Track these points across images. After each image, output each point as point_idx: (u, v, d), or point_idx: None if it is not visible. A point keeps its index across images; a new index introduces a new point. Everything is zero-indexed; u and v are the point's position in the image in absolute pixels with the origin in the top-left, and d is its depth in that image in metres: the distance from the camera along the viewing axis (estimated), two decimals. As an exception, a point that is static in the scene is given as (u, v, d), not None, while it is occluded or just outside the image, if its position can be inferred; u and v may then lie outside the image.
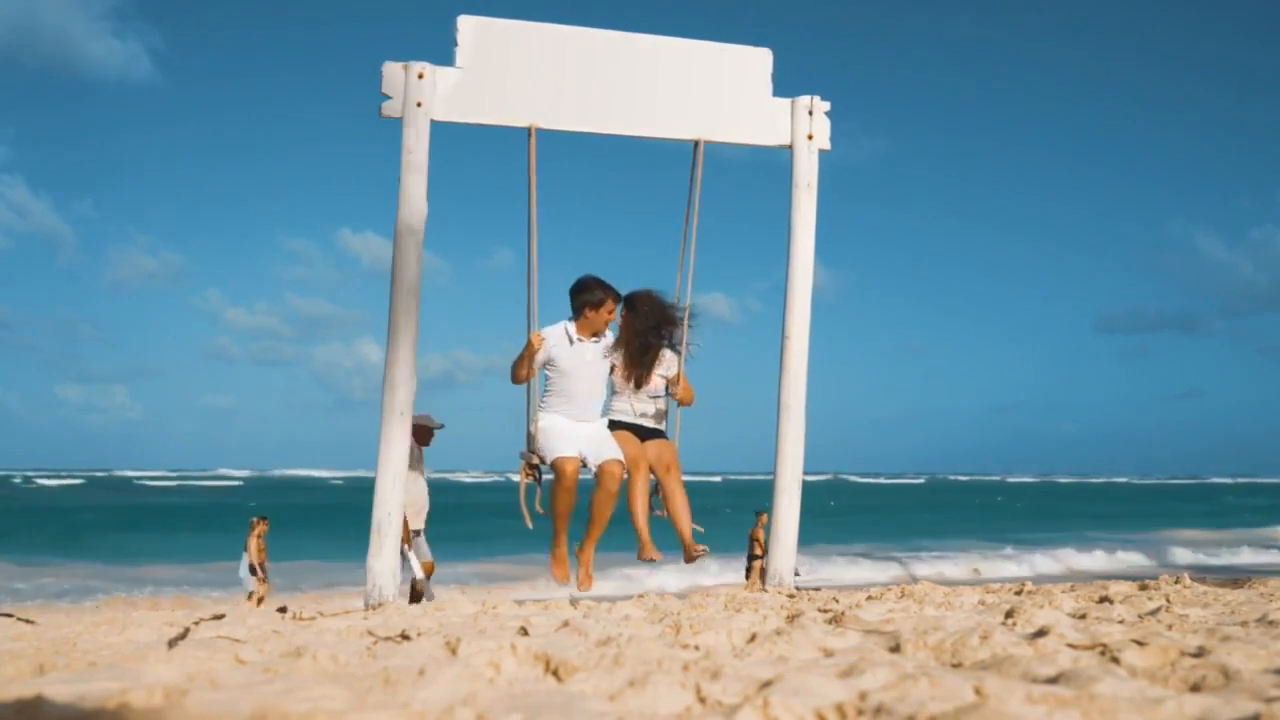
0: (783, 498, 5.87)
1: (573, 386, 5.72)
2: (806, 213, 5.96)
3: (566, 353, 5.71)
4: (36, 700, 1.94)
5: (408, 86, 5.46)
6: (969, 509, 54.88)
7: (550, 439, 5.57)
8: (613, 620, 3.69)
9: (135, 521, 37.64)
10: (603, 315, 5.75)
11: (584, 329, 5.76)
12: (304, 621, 4.02)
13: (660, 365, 5.92)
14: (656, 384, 5.94)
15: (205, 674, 2.40)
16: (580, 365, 5.72)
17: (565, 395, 5.72)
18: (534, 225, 5.55)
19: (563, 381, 5.72)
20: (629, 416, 5.93)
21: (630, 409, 5.94)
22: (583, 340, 5.75)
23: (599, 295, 5.72)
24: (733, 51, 5.90)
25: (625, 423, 5.91)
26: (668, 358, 5.94)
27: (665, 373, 5.93)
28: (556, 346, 5.70)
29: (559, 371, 5.71)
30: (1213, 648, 2.64)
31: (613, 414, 5.94)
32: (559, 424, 5.65)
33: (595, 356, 5.79)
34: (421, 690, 2.15)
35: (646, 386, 5.92)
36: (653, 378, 5.92)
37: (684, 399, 5.92)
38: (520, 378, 5.69)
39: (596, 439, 5.66)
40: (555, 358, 5.70)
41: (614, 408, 5.95)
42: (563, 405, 5.72)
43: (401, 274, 5.42)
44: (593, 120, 5.73)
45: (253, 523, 15.18)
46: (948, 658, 2.69)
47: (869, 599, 4.73)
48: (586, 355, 5.76)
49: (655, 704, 2.10)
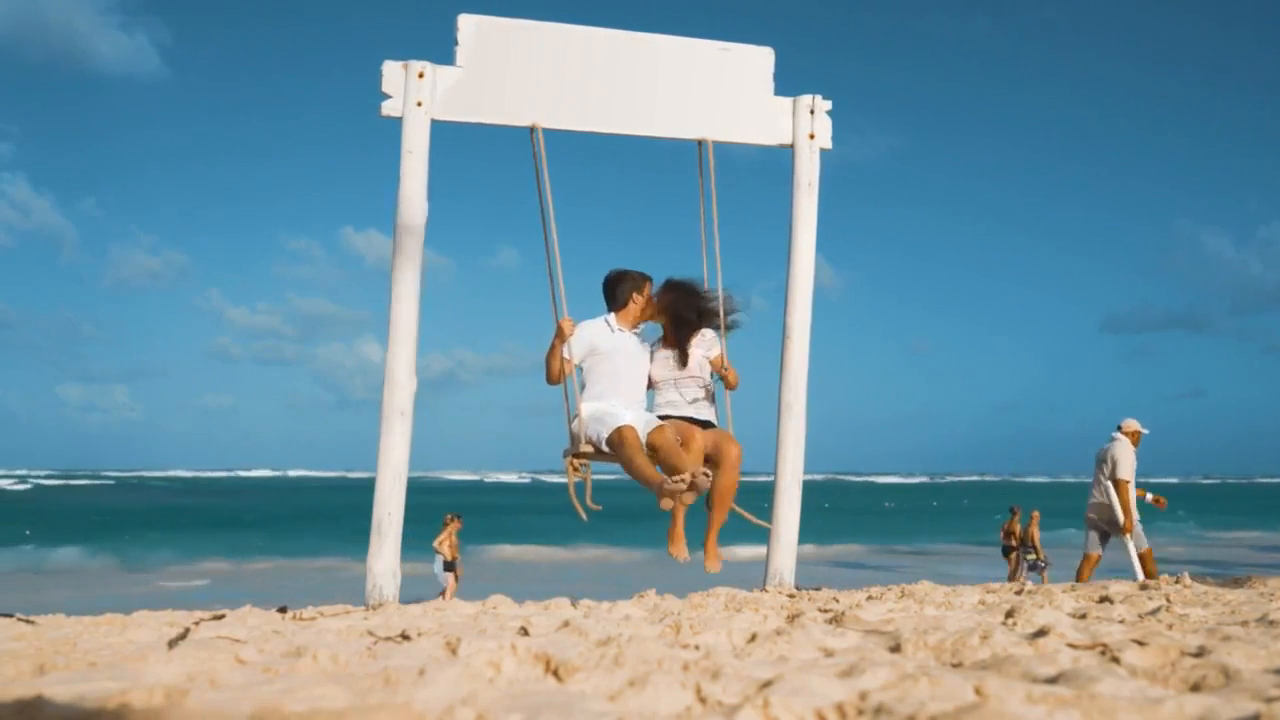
0: (783, 498, 5.85)
1: (618, 371, 5.61)
2: (808, 212, 5.95)
3: (609, 339, 5.65)
4: (36, 700, 1.94)
5: (408, 86, 5.46)
6: (970, 508, 54.84)
7: (601, 420, 5.41)
8: (613, 620, 3.69)
9: (135, 522, 37.63)
10: (648, 300, 5.73)
11: (627, 317, 5.73)
12: (304, 621, 4.02)
13: (700, 344, 5.80)
14: (699, 364, 5.78)
15: (205, 674, 2.40)
16: (623, 352, 5.64)
17: (612, 381, 5.60)
18: (551, 218, 5.47)
19: (606, 367, 5.61)
20: (679, 408, 5.74)
21: (679, 399, 5.75)
22: (624, 330, 5.71)
23: (638, 278, 5.74)
24: (734, 51, 5.89)
25: (677, 415, 5.69)
26: (708, 337, 5.81)
27: (707, 352, 5.81)
28: (598, 336, 5.64)
29: (602, 357, 5.62)
30: (1213, 647, 2.64)
31: (660, 409, 5.75)
32: (607, 406, 5.52)
33: (637, 347, 5.73)
34: (421, 690, 2.15)
35: (689, 365, 5.75)
36: (693, 355, 5.77)
37: (731, 380, 5.75)
38: (555, 372, 5.55)
39: (647, 418, 5.51)
40: (597, 344, 5.62)
41: (660, 402, 5.78)
42: (609, 392, 5.59)
43: (401, 273, 5.42)
44: (593, 120, 5.73)
45: (446, 520, 15.26)
46: (948, 658, 2.69)
47: (869, 599, 4.73)
48: (630, 345, 5.70)
49: (655, 704, 2.10)
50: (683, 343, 5.76)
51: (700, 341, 5.81)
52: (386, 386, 5.36)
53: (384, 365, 5.39)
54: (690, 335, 5.77)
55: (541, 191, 5.52)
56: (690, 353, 5.77)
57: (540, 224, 5.49)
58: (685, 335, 5.77)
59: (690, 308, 5.75)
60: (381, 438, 5.33)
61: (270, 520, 39.43)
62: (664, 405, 5.78)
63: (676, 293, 5.77)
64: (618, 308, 5.76)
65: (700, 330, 5.80)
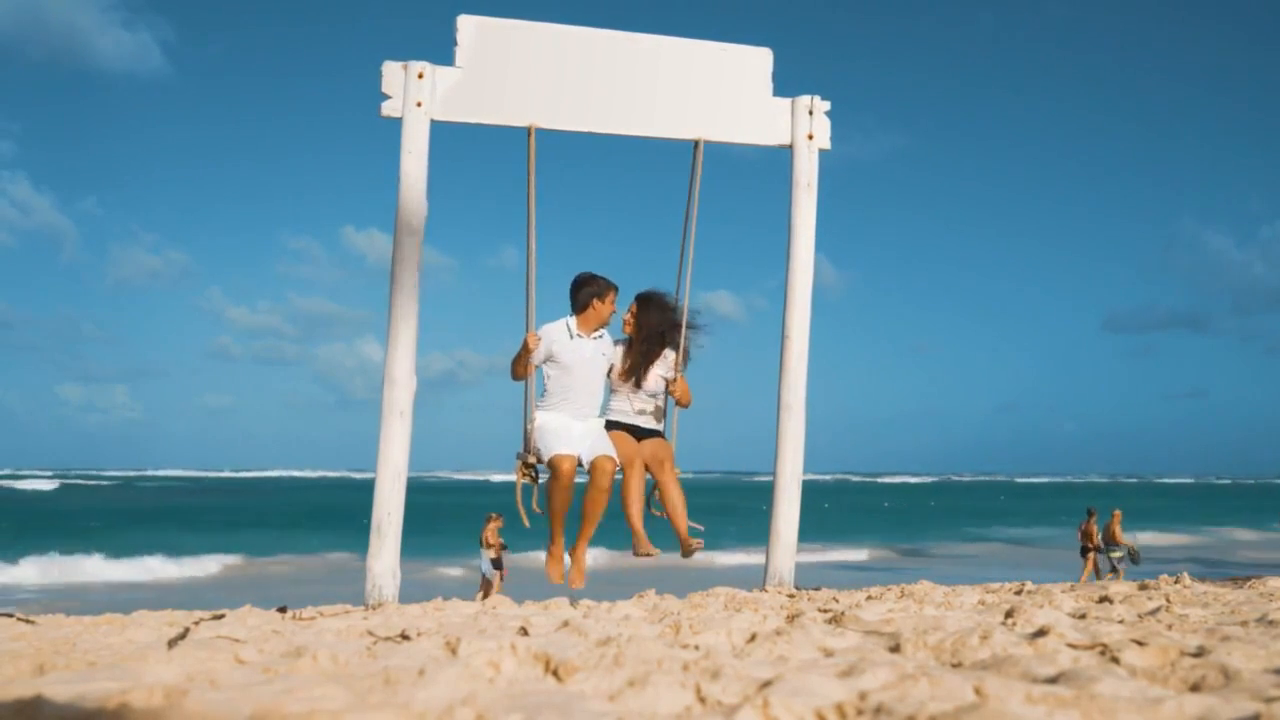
0: (783, 498, 5.86)
1: (572, 383, 5.72)
2: (807, 212, 5.96)
3: (566, 347, 5.72)
4: (36, 700, 1.94)
5: (407, 86, 5.46)
6: (971, 509, 54.84)
7: (547, 437, 5.57)
8: (613, 620, 3.69)
9: (136, 523, 37.62)
10: (607, 306, 5.80)
11: (587, 323, 5.79)
12: (304, 621, 4.02)
13: (660, 365, 5.93)
14: (655, 383, 5.94)
15: (205, 674, 2.40)
16: (579, 361, 5.73)
17: (564, 392, 5.73)
18: (533, 226, 5.56)
19: (563, 378, 5.73)
20: (626, 416, 5.94)
21: (628, 408, 5.94)
22: (583, 336, 5.77)
23: (602, 285, 5.79)
24: (733, 51, 5.90)
25: (622, 423, 5.91)
26: (668, 358, 5.94)
27: (664, 373, 5.94)
28: (556, 342, 5.72)
29: (559, 367, 5.72)
30: (1213, 648, 2.64)
31: (610, 414, 5.94)
32: (556, 422, 5.65)
33: (594, 353, 5.81)
34: (421, 690, 2.15)
35: (645, 386, 5.92)
36: (651, 377, 5.92)
37: (682, 399, 5.94)
38: (518, 375, 5.71)
39: (592, 436, 5.66)
40: (555, 353, 5.71)
41: (611, 408, 5.96)
42: (561, 403, 5.73)
43: (401, 273, 5.42)
44: (592, 120, 5.73)
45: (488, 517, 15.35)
46: (948, 658, 2.69)
47: (869, 599, 4.73)
48: (585, 352, 5.77)
49: (655, 704, 2.10)
50: (645, 362, 5.90)
51: (660, 363, 5.94)
52: (386, 386, 5.36)
53: (384, 365, 5.40)
54: (654, 358, 5.92)
55: (529, 197, 5.55)
56: (648, 374, 5.92)
57: (525, 228, 5.55)
58: (649, 356, 5.90)
59: (659, 331, 5.89)
60: (381, 438, 5.33)
61: (271, 520, 39.42)
62: (614, 411, 5.96)
63: (650, 313, 5.88)
64: (577, 311, 5.83)
65: (664, 352, 5.93)
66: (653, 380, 5.94)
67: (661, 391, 5.98)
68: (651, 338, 5.88)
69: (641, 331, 5.89)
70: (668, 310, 5.91)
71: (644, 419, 5.97)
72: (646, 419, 5.98)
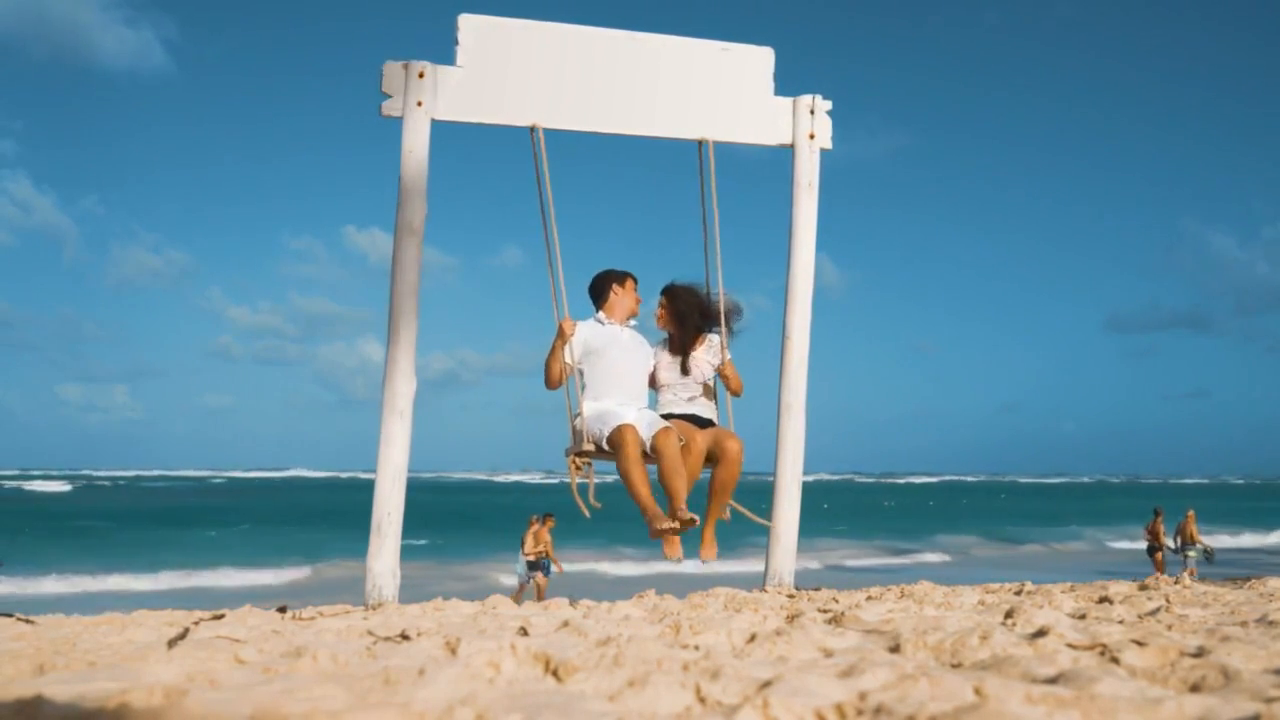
0: (783, 498, 5.85)
1: (616, 366, 5.63)
2: (808, 212, 5.95)
3: (600, 335, 5.66)
4: (36, 700, 1.94)
5: (408, 86, 5.46)
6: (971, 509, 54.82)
7: (604, 418, 5.41)
8: (613, 620, 3.69)
9: (136, 524, 37.63)
10: (628, 292, 5.76)
11: (613, 311, 5.75)
12: (304, 621, 4.02)
13: (707, 351, 5.80)
14: (703, 370, 5.79)
15: (205, 674, 2.40)
16: (617, 346, 5.65)
17: (608, 379, 5.61)
18: (552, 217, 5.52)
19: (603, 365, 5.62)
20: (679, 407, 5.75)
21: (679, 398, 5.76)
22: (615, 324, 5.73)
23: (617, 273, 5.78)
24: (734, 50, 5.90)
25: (676, 413, 5.71)
26: (714, 344, 5.81)
27: (712, 359, 5.81)
28: (591, 334, 5.65)
29: (598, 355, 5.62)
30: (1213, 648, 2.64)
31: (660, 408, 5.76)
32: (608, 405, 5.53)
33: (632, 339, 5.74)
34: (421, 690, 2.15)
35: (693, 374, 5.77)
36: (699, 363, 5.77)
37: (735, 386, 5.75)
38: (555, 375, 5.55)
39: (650, 418, 5.51)
40: (591, 345, 5.62)
41: (661, 402, 5.79)
42: (610, 388, 5.60)
43: (401, 274, 5.42)
44: (593, 120, 5.73)
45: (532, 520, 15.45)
46: (948, 658, 2.69)
47: (869, 599, 4.72)
48: (623, 337, 5.71)
49: (655, 704, 2.09)
50: (686, 349, 5.78)
51: (706, 349, 5.82)
52: (386, 386, 5.36)
53: (384, 365, 5.40)
54: (694, 342, 5.79)
55: (542, 192, 5.54)
56: (693, 360, 5.78)
57: (541, 224, 5.52)
58: (689, 342, 5.78)
59: (694, 313, 5.77)
60: (381, 438, 5.33)
61: (271, 520, 39.43)
62: (665, 405, 5.79)
63: (680, 299, 5.80)
64: (601, 303, 5.80)
65: (705, 337, 5.81)
66: (701, 367, 5.77)
67: (711, 378, 5.82)
68: (688, 324, 5.75)
69: (677, 320, 5.78)
70: (697, 295, 5.80)
71: (698, 406, 5.75)
72: (701, 406, 5.76)
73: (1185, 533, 18.24)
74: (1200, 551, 18.22)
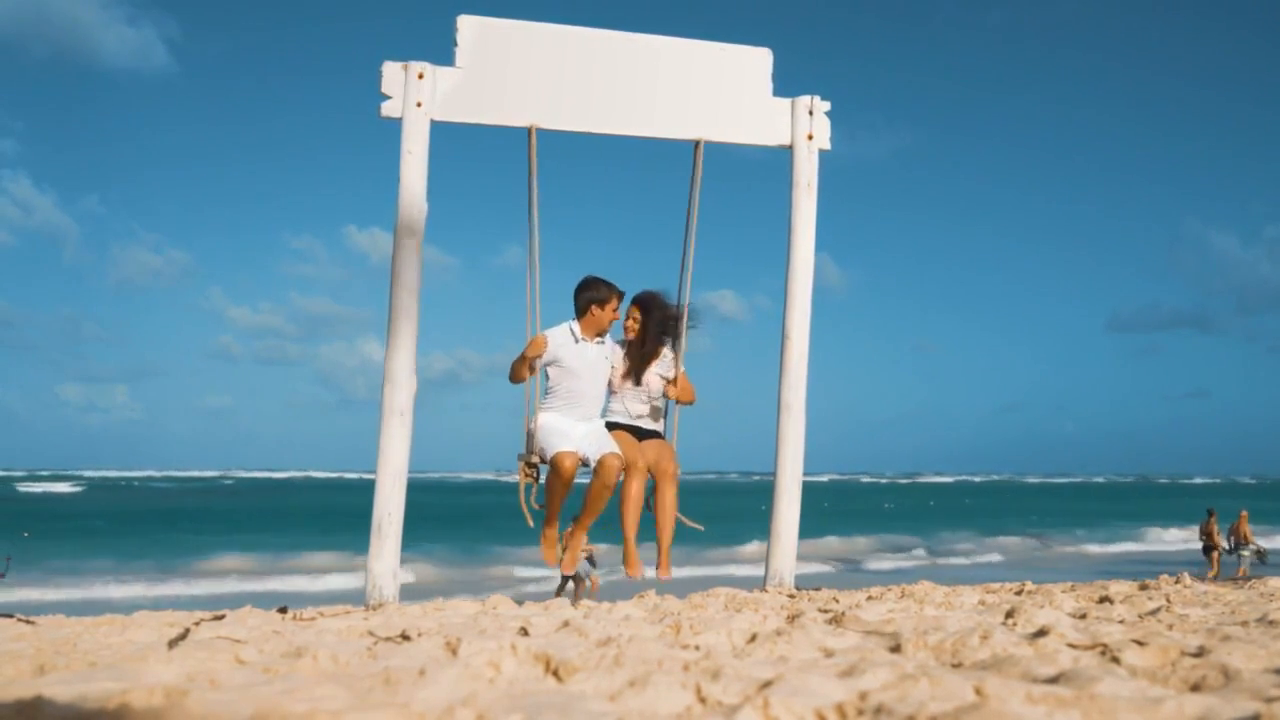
0: (783, 498, 5.86)
1: (576, 386, 5.72)
2: (806, 212, 5.95)
3: (572, 352, 5.72)
4: (36, 700, 1.94)
5: (407, 86, 5.46)
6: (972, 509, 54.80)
7: (549, 436, 5.58)
8: (613, 620, 3.69)
9: (136, 524, 37.62)
10: (608, 313, 5.79)
11: (588, 328, 5.79)
12: (304, 622, 4.02)
13: (659, 364, 5.92)
14: (654, 384, 5.94)
15: (205, 674, 2.40)
16: (584, 366, 5.74)
17: (567, 395, 5.73)
18: (535, 226, 5.58)
19: (567, 381, 5.72)
20: (625, 417, 5.94)
21: (626, 409, 5.95)
22: (587, 340, 5.77)
23: (604, 292, 5.77)
24: (732, 51, 5.90)
25: (622, 423, 5.91)
26: (666, 357, 5.94)
27: (664, 372, 5.93)
28: (562, 346, 5.71)
29: (564, 371, 5.71)
30: (1213, 648, 2.64)
31: (610, 415, 5.94)
32: (558, 422, 5.66)
33: (598, 357, 5.81)
34: (422, 690, 2.15)
35: (644, 386, 5.92)
36: (650, 377, 5.92)
37: (683, 398, 5.92)
38: (520, 378, 5.71)
39: (596, 436, 5.67)
40: (560, 357, 5.71)
41: (611, 409, 5.96)
42: (564, 405, 5.73)
43: (401, 274, 5.42)
44: (592, 120, 5.73)
45: None
46: (948, 658, 2.69)
47: (869, 599, 4.73)
48: (590, 355, 5.77)
49: (655, 704, 2.10)
50: (646, 361, 5.91)
51: (659, 362, 5.94)
52: (386, 387, 5.36)
53: (384, 365, 5.40)
54: (652, 357, 5.92)
55: (530, 198, 5.56)
56: (647, 374, 5.93)
57: (527, 228, 5.56)
58: (650, 354, 5.91)
59: (661, 329, 5.89)
60: (381, 438, 5.33)
61: (272, 520, 39.43)
62: (613, 412, 5.97)
63: (653, 315, 5.88)
64: (577, 316, 5.84)
65: (661, 352, 5.93)
66: (652, 381, 5.94)
67: (660, 392, 5.97)
68: (651, 339, 5.88)
69: (644, 334, 5.89)
70: (667, 308, 5.90)
71: (643, 420, 5.98)
72: (646, 420, 5.99)
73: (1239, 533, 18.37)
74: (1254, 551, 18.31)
